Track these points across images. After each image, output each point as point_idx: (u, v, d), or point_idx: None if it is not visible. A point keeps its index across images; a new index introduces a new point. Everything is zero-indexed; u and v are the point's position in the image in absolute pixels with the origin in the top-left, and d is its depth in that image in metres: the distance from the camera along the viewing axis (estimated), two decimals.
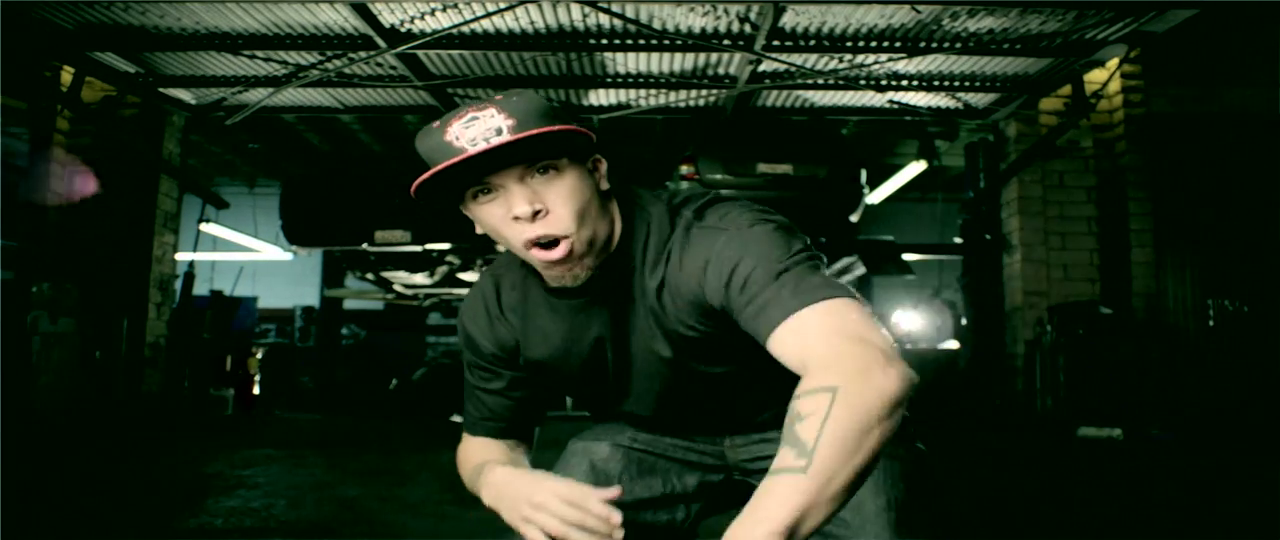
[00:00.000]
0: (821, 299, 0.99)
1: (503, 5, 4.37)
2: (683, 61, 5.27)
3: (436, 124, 1.09)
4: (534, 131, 1.03)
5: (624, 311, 1.22)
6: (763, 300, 1.02)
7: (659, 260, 1.17)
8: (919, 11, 4.40)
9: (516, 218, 1.08)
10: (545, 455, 1.38)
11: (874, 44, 4.92)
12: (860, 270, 7.48)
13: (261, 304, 11.49)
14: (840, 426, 0.85)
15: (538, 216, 1.08)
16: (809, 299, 0.99)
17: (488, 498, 1.23)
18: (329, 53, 5.02)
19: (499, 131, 1.04)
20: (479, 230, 1.18)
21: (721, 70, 5.42)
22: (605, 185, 1.17)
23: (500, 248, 1.29)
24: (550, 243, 1.09)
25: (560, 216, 1.08)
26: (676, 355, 1.21)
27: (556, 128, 1.04)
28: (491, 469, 1.23)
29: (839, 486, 0.84)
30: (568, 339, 1.25)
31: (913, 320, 7.90)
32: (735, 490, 1.37)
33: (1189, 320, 5.40)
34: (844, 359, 0.91)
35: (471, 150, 1.03)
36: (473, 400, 1.36)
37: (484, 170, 1.06)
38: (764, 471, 1.12)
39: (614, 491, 1.08)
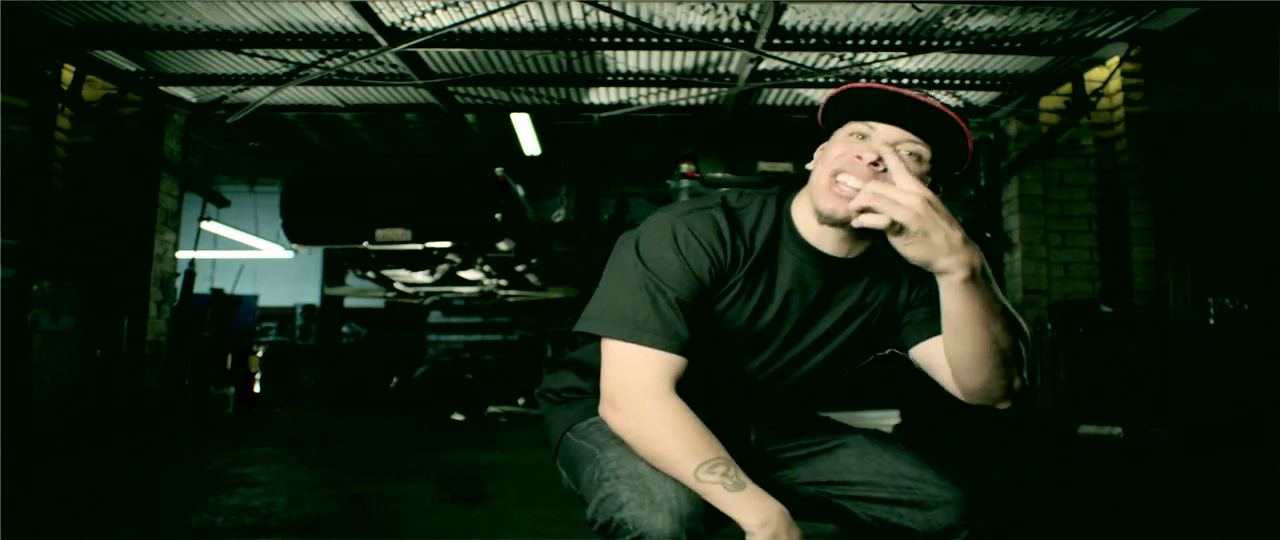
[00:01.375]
0: None
1: (503, 3, 4.37)
2: (683, 60, 5.27)
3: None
4: (943, 107, 1.18)
5: (854, 287, 1.36)
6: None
7: (887, 265, 1.34)
8: (919, 10, 4.40)
9: (858, 156, 1.20)
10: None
11: (874, 42, 4.92)
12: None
13: (262, 302, 11.52)
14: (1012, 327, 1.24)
15: (876, 167, 1.19)
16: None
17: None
18: (330, 51, 5.02)
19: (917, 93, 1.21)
20: (819, 153, 1.30)
21: (722, 68, 5.42)
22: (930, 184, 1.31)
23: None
24: (876, 172, 1.20)
25: (895, 181, 1.16)
26: (844, 343, 1.39)
27: (959, 117, 1.19)
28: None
29: (1001, 323, 1.21)
30: (791, 295, 1.34)
31: None
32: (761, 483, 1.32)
33: (1189, 318, 5.40)
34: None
35: (906, 92, 1.19)
36: (665, 312, 1.22)
37: (893, 111, 1.20)
38: (785, 467, 1.46)
39: None
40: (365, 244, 6.31)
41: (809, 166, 1.31)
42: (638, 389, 1.19)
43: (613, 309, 1.24)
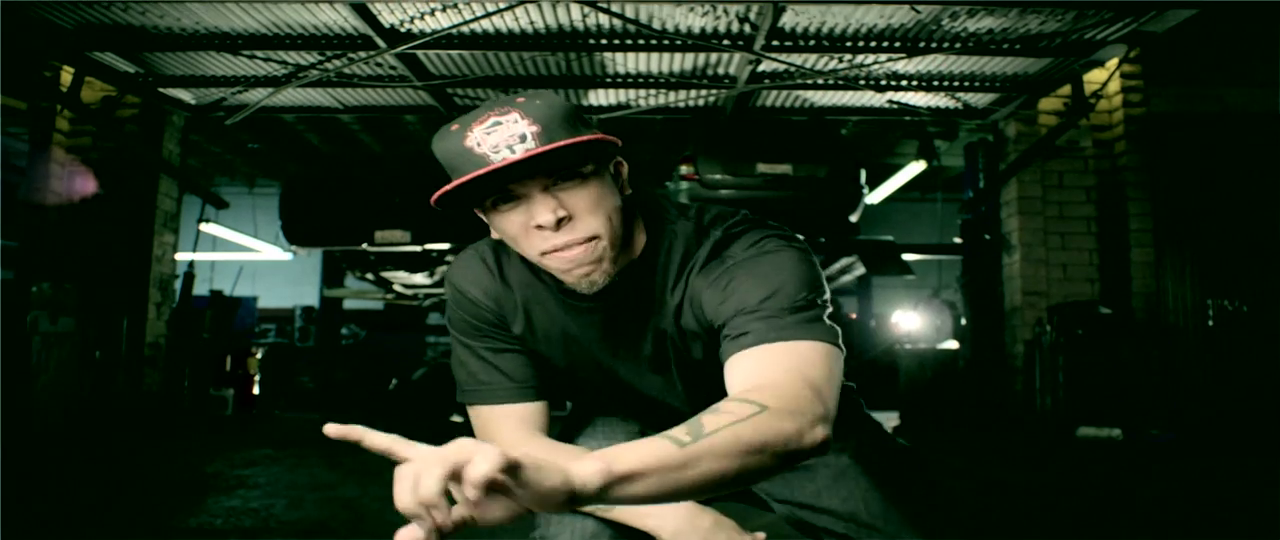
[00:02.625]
0: (801, 338, 0.98)
1: (502, 5, 4.37)
2: (682, 61, 5.27)
3: (455, 126, 1.05)
4: (562, 143, 0.98)
5: (635, 322, 1.19)
6: (752, 326, 1.01)
7: (680, 277, 1.15)
8: (918, 11, 4.40)
9: (539, 226, 1.04)
10: None
11: (873, 44, 4.92)
12: (860, 270, 7.49)
13: (261, 304, 11.51)
14: (744, 438, 0.82)
15: (562, 224, 1.04)
16: (789, 335, 0.99)
17: (649, 522, 1.19)
18: (329, 53, 5.02)
19: (523, 139, 0.99)
20: (494, 234, 1.15)
21: (721, 70, 5.42)
22: (628, 191, 1.14)
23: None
24: (577, 244, 1.06)
25: (586, 223, 1.05)
26: (680, 372, 1.21)
27: (584, 137, 1.00)
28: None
29: (694, 478, 0.80)
30: (570, 339, 1.22)
31: (912, 320, 7.90)
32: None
33: (1188, 320, 5.40)
34: (790, 397, 0.89)
35: (497, 161, 0.98)
36: (482, 367, 1.23)
37: (507, 179, 1.01)
38: (771, 480, 1.24)
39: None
40: (364, 246, 6.31)
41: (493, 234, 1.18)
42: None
43: (457, 377, 1.28)
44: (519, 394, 1.22)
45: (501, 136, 1.00)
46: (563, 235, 1.05)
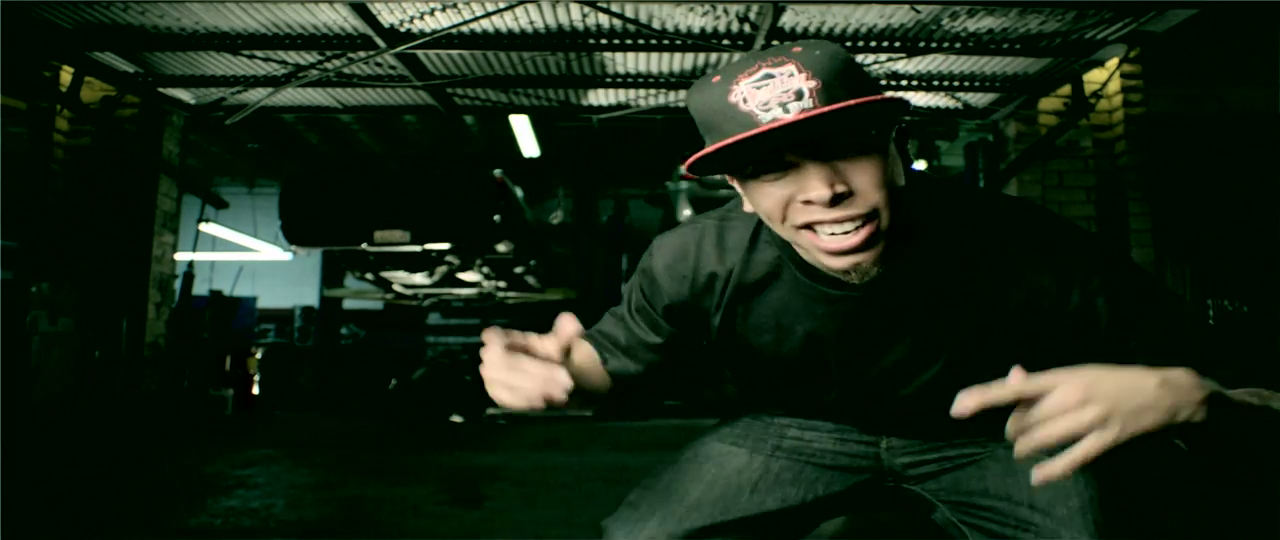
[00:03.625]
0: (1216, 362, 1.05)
1: (502, 5, 4.37)
2: (682, 61, 5.27)
3: (717, 78, 0.93)
4: (850, 103, 0.84)
5: (894, 320, 1.07)
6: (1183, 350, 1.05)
7: (967, 250, 1.03)
8: (918, 11, 4.40)
9: (808, 201, 0.91)
10: (644, 458, 1.35)
11: (873, 44, 4.92)
12: None
13: (261, 304, 11.51)
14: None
15: (839, 200, 0.90)
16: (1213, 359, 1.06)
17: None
18: (328, 52, 5.02)
19: (799, 96, 0.85)
20: (747, 207, 1.02)
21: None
22: (913, 163, 1.05)
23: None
24: (856, 226, 0.91)
25: (866, 199, 0.91)
26: (923, 356, 1.09)
27: (873, 98, 0.85)
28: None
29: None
30: (798, 330, 1.10)
31: None
32: (886, 494, 1.26)
33: None
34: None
35: (767, 122, 0.85)
36: (612, 324, 1.21)
37: (777, 144, 0.88)
38: (937, 478, 1.20)
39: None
40: (364, 246, 6.31)
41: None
42: None
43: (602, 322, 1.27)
44: (597, 344, 1.21)
45: (773, 92, 0.87)
46: (838, 211, 0.91)
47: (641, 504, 1.18)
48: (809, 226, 0.93)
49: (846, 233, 0.91)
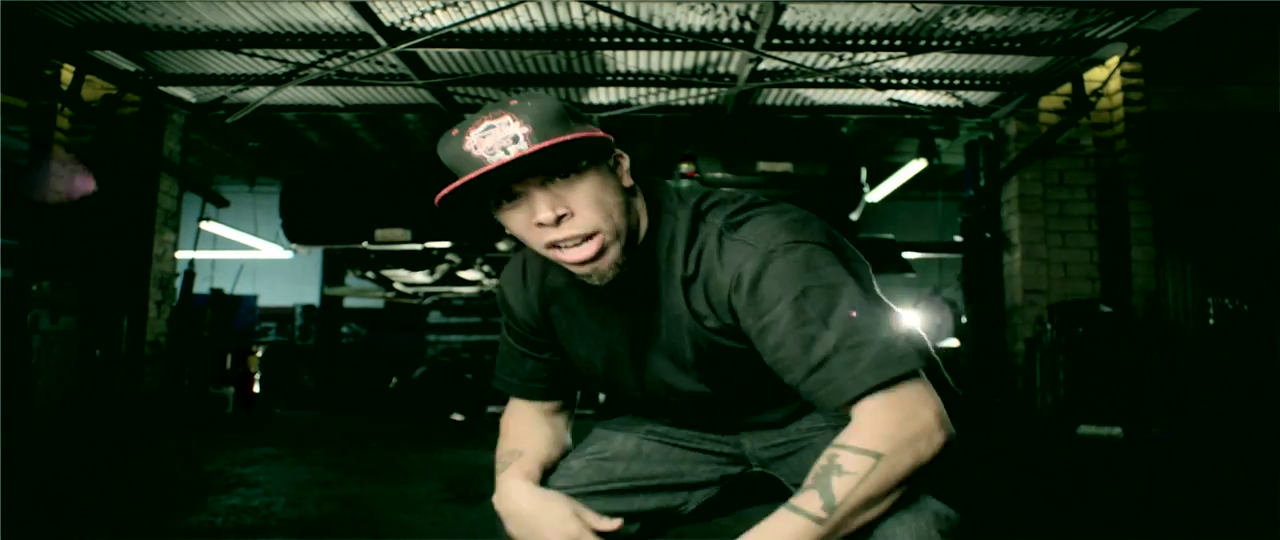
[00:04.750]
0: (882, 383, 0.99)
1: (503, 3, 4.37)
2: (683, 60, 5.27)
3: (455, 131, 1.09)
4: (549, 143, 1.02)
5: (648, 312, 1.23)
6: (822, 372, 1.02)
7: (686, 264, 1.17)
8: (919, 10, 4.40)
9: (540, 223, 1.09)
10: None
11: (874, 42, 4.92)
12: None
13: (262, 302, 11.49)
14: (871, 489, 0.96)
15: (562, 220, 1.08)
16: (869, 380, 0.99)
17: (498, 503, 1.30)
18: (329, 51, 5.02)
19: (515, 140, 1.04)
20: (509, 232, 1.18)
21: (721, 68, 5.42)
22: (629, 181, 1.17)
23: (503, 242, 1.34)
24: (579, 241, 1.10)
25: (585, 218, 1.09)
26: (697, 360, 1.22)
27: (571, 136, 1.04)
28: (513, 474, 1.29)
29: (845, 534, 0.98)
30: (597, 336, 1.28)
31: (913, 319, 7.91)
32: (756, 483, 1.40)
33: (1189, 319, 5.40)
34: (896, 429, 0.98)
35: (492, 162, 1.03)
36: (511, 362, 1.38)
37: (506, 179, 1.06)
38: (784, 461, 1.32)
39: (613, 523, 1.22)
40: (365, 244, 6.31)
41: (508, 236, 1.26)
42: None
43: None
44: (525, 391, 1.38)
45: (496, 139, 1.04)
46: (563, 230, 1.09)
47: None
48: (554, 245, 1.11)
49: (577, 246, 1.09)
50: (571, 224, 1.09)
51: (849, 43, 4.91)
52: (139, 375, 5.51)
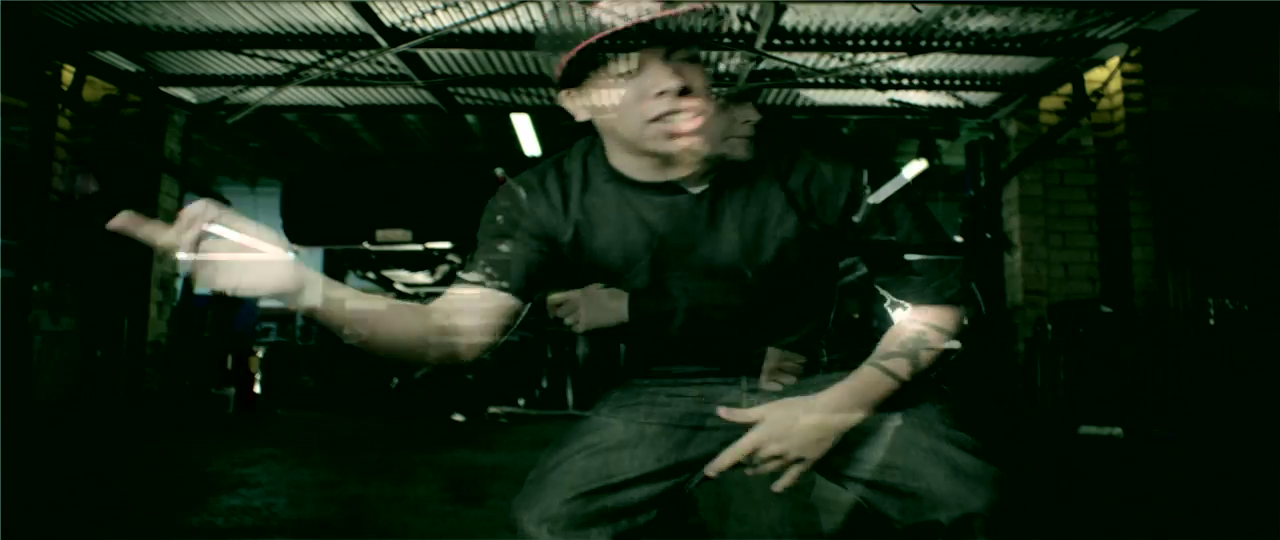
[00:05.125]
0: (948, 302, 1.26)
1: (503, 4, 4.37)
2: None
3: (574, 4, 1.11)
4: (697, 5, 1.10)
5: (706, 212, 1.24)
6: (915, 279, 1.26)
7: (783, 166, 1.25)
8: (920, 10, 4.40)
9: (662, 92, 1.10)
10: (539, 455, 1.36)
11: (875, 43, 4.92)
12: (862, 270, 7.49)
13: (262, 303, 11.50)
14: (929, 347, 1.21)
15: (684, 93, 1.11)
16: (943, 298, 1.25)
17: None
18: (330, 52, 5.02)
19: (648, 13, 1.08)
20: (581, 116, 1.21)
21: (721, 68, 5.42)
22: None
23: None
24: (695, 114, 1.12)
25: (703, 96, 1.13)
26: (775, 256, 1.26)
27: (707, 3, 1.12)
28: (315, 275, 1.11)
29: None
30: (629, 232, 1.26)
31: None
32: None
33: (1189, 319, 5.39)
34: (943, 316, 1.25)
35: (648, 16, 1.06)
36: (485, 257, 1.28)
37: (634, 46, 1.10)
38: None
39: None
40: (366, 244, 6.32)
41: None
42: None
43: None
44: (497, 287, 1.26)
45: (630, 8, 1.08)
46: (685, 102, 1.12)
47: (539, 480, 1.29)
48: (659, 118, 1.11)
49: (689, 119, 1.12)
50: (689, 99, 1.12)
51: (849, 43, 4.92)
52: (140, 375, 5.52)
